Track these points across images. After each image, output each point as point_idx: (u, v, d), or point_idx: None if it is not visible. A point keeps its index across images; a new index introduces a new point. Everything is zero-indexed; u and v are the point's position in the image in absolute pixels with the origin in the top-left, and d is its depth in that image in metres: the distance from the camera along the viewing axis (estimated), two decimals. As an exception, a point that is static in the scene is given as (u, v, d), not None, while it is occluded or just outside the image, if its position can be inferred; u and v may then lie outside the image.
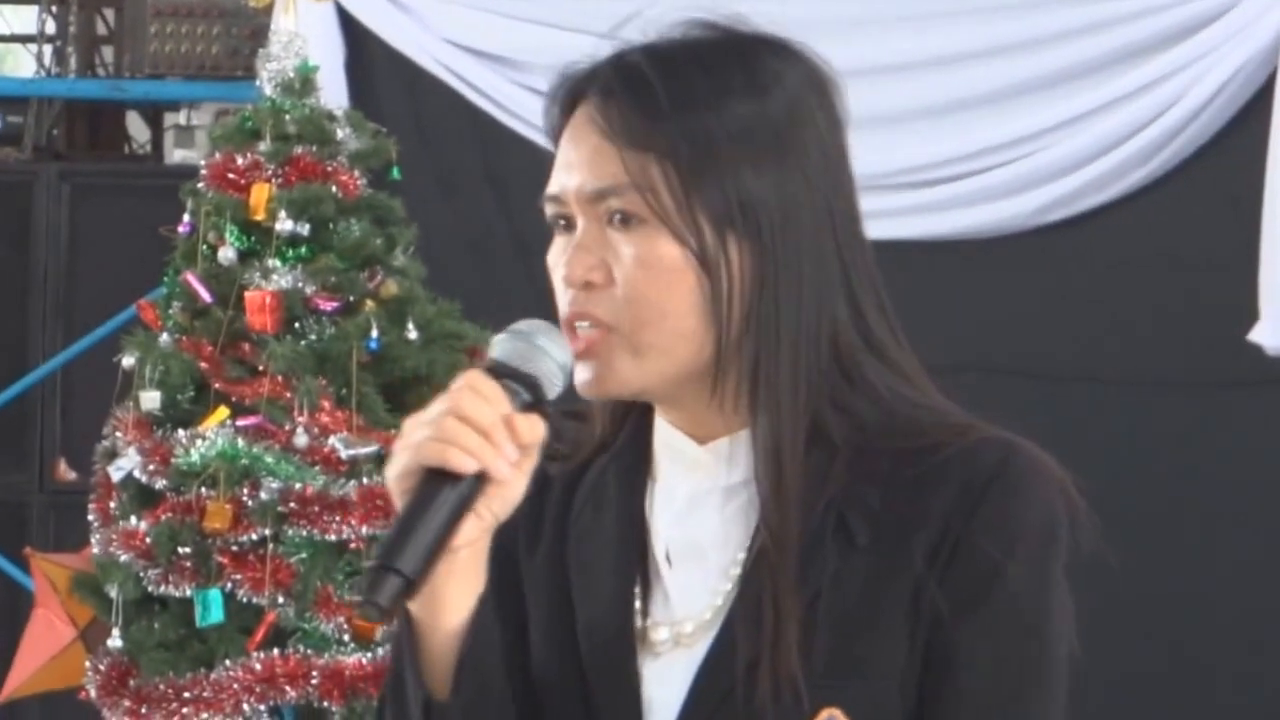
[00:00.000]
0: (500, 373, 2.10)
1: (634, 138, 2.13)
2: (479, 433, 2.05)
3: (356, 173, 5.43)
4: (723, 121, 2.14)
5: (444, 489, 2.05)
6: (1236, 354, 6.57)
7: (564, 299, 2.16)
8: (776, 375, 2.16)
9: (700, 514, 2.19)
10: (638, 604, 2.19)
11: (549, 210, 2.21)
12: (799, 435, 2.15)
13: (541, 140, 2.36)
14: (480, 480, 2.06)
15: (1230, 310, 6.54)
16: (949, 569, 2.13)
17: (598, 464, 2.26)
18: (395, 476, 2.08)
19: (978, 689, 2.15)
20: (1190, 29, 6.35)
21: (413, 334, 5.38)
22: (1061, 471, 2.21)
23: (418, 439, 2.07)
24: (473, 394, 2.06)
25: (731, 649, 2.13)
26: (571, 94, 2.20)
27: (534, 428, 2.08)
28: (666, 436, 2.21)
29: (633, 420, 2.26)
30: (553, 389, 2.13)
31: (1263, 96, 6.37)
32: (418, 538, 2.05)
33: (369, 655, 5.12)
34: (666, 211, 2.12)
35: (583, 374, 2.15)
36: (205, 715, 5.13)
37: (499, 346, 2.15)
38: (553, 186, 2.19)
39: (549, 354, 2.13)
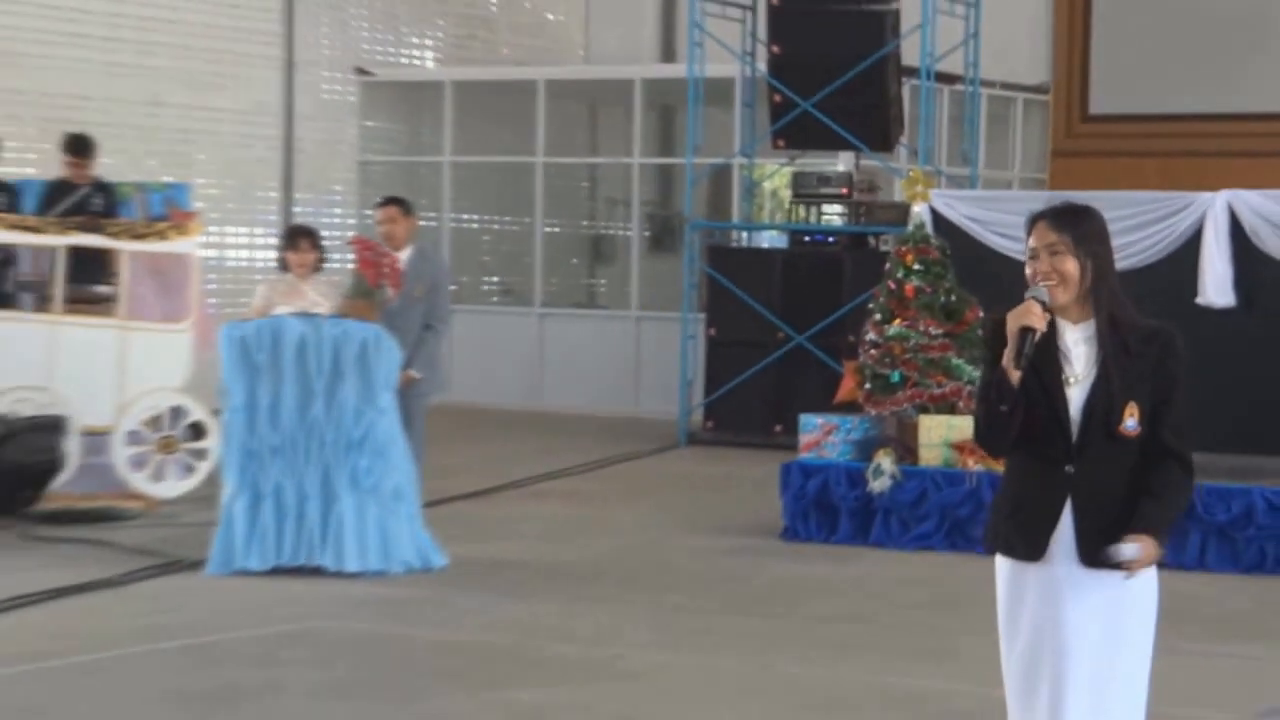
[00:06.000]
0: (1038, 298, 5.25)
1: (1061, 230, 5.29)
2: (1038, 320, 5.21)
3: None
4: (1091, 230, 5.32)
5: (1030, 331, 5.22)
6: None
7: (1036, 279, 5.26)
8: (1101, 302, 5.28)
9: (1078, 349, 5.35)
10: (1064, 375, 5.33)
11: (1029, 247, 5.30)
12: (1108, 322, 5.29)
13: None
14: (1036, 330, 5.21)
15: None
16: (1161, 369, 5.33)
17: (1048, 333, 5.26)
18: (1011, 329, 5.19)
19: (1172, 409, 5.35)
20: None
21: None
22: (1180, 335, 5.33)
23: (1020, 317, 5.19)
24: (1032, 306, 5.22)
25: (1104, 384, 5.31)
26: (1033, 220, 5.34)
27: (1045, 318, 5.24)
28: (1063, 325, 5.33)
29: (1052, 321, 5.30)
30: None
31: None
32: (1026, 342, 5.20)
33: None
34: (1071, 247, 5.28)
35: (1052, 299, 5.26)
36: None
37: (1034, 292, 5.24)
38: (1032, 244, 5.33)
39: (1043, 295, 5.26)
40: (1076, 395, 5.27)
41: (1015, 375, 5.20)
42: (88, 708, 8.26)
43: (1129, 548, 5.16)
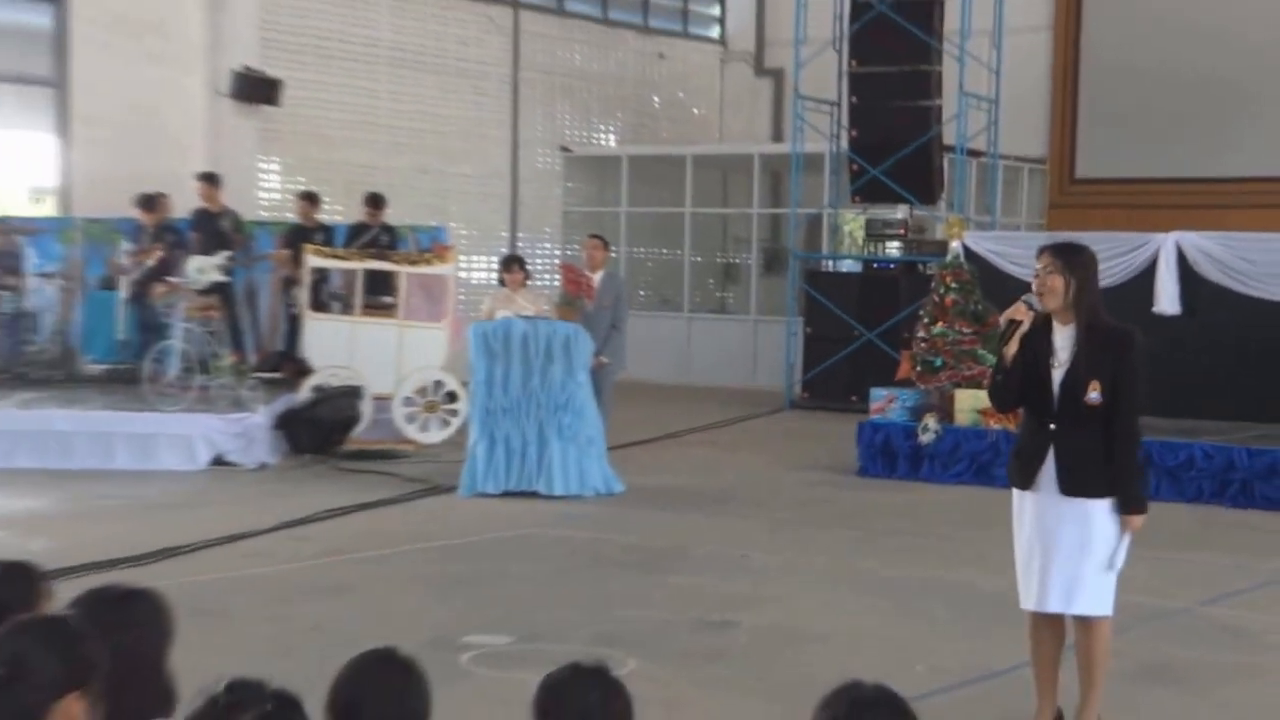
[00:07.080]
0: (1026, 301, 5.15)
1: (1055, 257, 5.14)
2: (1021, 316, 5.12)
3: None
4: (1078, 259, 5.13)
5: (1017, 324, 5.17)
6: None
7: (1036, 289, 5.15)
8: (1082, 311, 5.10)
9: (1063, 343, 5.15)
10: (1051, 360, 5.15)
11: (1035, 268, 5.12)
12: (1085, 326, 5.10)
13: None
14: (1021, 322, 5.15)
15: None
16: (1119, 360, 5.09)
17: (1040, 327, 5.16)
18: (1003, 321, 5.18)
19: (1125, 385, 5.11)
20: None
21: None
22: (1140, 333, 5.14)
23: (1010, 313, 5.14)
24: (1020, 306, 5.16)
25: (1076, 367, 5.14)
26: (1040, 250, 5.17)
27: (1031, 315, 5.14)
28: (1057, 325, 5.16)
29: (1046, 320, 5.15)
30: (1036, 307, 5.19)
31: None
32: (1013, 330, 5.13)
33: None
34: (1060, 270, 5.12)
35: (1043, 305, 5.15)
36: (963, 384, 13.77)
37: (1027, 298, 5.10)
38: (1036, 265, 5.15)
39: (1036, 303, 5.15)
40: (1058, 375, 5.16)
41: (1008, 354, 5.11)
42: (378, 586, 8.26)
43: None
